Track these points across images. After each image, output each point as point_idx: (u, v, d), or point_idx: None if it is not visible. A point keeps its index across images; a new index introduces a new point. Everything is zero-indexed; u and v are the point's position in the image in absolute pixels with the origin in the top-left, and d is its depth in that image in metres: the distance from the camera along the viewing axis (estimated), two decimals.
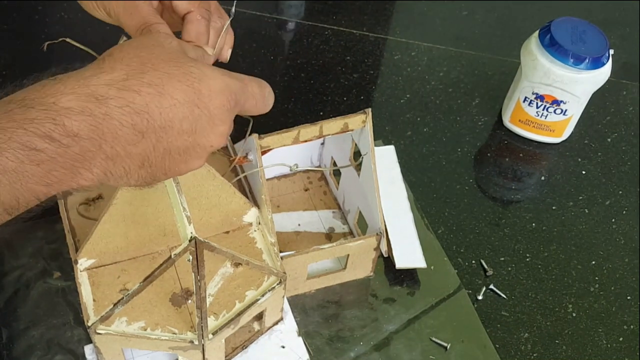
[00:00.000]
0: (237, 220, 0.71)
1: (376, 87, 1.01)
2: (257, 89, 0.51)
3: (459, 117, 0.98)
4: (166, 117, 0.44)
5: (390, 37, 1.09)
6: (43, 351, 0.69)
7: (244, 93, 0.49)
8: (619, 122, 1.00)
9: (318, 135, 0.68)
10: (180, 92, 0.45)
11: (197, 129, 0.46)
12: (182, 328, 0.63)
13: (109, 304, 0.61)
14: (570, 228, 0.86)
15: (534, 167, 0.94)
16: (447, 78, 1.03)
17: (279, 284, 0.67)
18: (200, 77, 0.46)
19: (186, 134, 0.46)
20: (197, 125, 0.46)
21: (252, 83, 0.51)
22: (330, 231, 0.80)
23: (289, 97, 0.98)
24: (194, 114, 0.45)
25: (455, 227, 0.84)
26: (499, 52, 1.08)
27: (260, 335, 0.71)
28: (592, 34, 0.88)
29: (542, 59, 0.87)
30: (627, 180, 0.93)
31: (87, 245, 0.65)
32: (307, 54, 1.04)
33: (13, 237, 0.77)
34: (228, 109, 0.47)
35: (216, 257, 0.64)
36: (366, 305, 0.75)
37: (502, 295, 0.78)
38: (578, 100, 0.89)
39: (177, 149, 0.46)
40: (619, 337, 0.76)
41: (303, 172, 0.85)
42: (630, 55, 1.11)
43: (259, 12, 1.09)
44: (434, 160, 0.92)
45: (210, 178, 0.66)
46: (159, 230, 0.67)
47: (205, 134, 0.47)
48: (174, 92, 0.45)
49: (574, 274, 0.82)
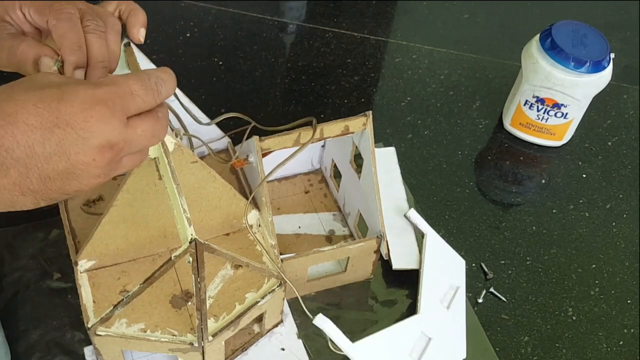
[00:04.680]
0: (237, 223, 0.71)
1: (377, 90, 1.01)
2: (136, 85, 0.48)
3: (459, 120, 0.98)
4: (24, 145, 0.43)
5: (391, 40, 1.09)
6: (43, 352, 0.69)
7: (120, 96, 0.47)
8: (620, 126, 1.00)
9: (319, 137, 0.69)
10: (35, 116, 0.44)
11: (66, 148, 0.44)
12: (182, 330, 0.63)
13: (109, 305, 0.61)
14: (571, 231, 0.86)
15: (535, 171, 0.94)
16: (447, 81, 1.03)
17: (279, 286, 0.67)
18: (60, 96, 0.44)
19: (56, 156, 0.44)
20: (64, 145, 0.44)
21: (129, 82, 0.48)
22: (331, 233, 0.80)
23: (290, 99, 0.98)
24: (56, 135, 0.44)
25: (456, 230, 0.84)
26: (500, 55, 1.08)
27: (260, 337, 0.71)
28: (593, 37, 0.88)
29: (543, 62, 0.87)
30: (627, 184, 0.93)
31: (88, 247, 0.65)
32: (308, 56, 1.04)
33: (13, 239, 0.77)
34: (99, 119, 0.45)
35: (216, 259, 0.65)
36: (366, 308, 0.75)
37: (503, 299, 0.78)
38: (579, 104, 0.89)
39: (55, 172, 0.45)
40: (619, 341, 0.76)
41: (304, 174, 0.85)
42: (631, 58, 1.11)
43: (260, 15, 1.09)
44: (435, 163, 0.92)
45: (210, 180, 0.66)
46: (159, 232, 0.67)
47: (78, 151, 0.45)
48: (27, 118, 0.43)
49: (574, 278, 0.81)
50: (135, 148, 0.49)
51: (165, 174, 0.57)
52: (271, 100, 0.97)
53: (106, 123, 0.45)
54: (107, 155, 0.46)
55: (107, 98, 0.46)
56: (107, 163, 0.46)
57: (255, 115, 0.94)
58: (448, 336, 0.72)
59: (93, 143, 0.45)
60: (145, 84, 0.48)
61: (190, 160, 0.63)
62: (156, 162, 0.60)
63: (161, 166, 0.58)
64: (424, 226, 0.79)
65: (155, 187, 0.62)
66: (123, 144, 0.47)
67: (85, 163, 0.45)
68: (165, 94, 0.50)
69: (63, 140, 0.44)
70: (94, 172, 0.46)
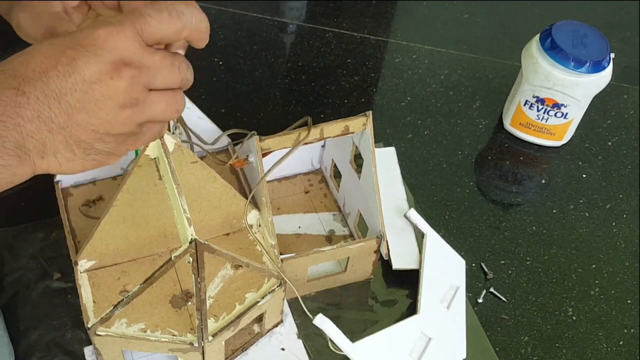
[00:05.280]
0: (237, 223, 0.71)
1: (377, 90, 1.01)
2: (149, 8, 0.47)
3: (459, 120, 0.98)
4: (39, 71, 0.44)
5: (391, 40, 1.09)
6: (43, 352, 0.69)
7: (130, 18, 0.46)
8: (620, 126, 1.00)
9: (319, 137, 0.69)
10: (48, 45, 0.45)
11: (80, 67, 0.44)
12: (182, 330, 0.63)
13: (109, 305, 0.61)
14: (571, 231, 0.86)
15: (535, 171, 0.94)
16: (448, 81, 1.03)
17: (279, 286, 0.67)
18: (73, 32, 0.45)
19: (71, 78, 0.44)
20: (77, 64, 0.44)
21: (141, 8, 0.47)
22: (331, 233, 0.80)
23: (290, 99, 0.98)
24: (68, 56, 0.44)
25: (456, 230, 0.84)
26: (500, 55, 1.08)
27: (260, 337, 0.71)
28: (593, 37, 0.88)
29: (543, 62, 0.87)
30: (627, 184, 0.93)
31: (88, 247, 0.65)
32: (308, 56, 1.04)
33: (13, 239, 0.77)
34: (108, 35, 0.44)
35: (216, 259, 0.65)
36: (366, 308, 0.76)
37: (503, 299, 0.78)
38: (579, 104, 0.89)
39: (74, 98, 0.44)
40: (619, 341, 0.76)
41: (304, 174, 0.85)
42: (631, 58, 1.11)
43: (260, 15, 1.09)
44: (435, 163, 0.92)
45: (210, 180, 0.66)
46: (159, 232, 0.67)
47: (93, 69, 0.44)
48: (41, 48, 0.44)
49: (574, 278, 0.81)
50: (156, 79, 0.47)
51: (165, 174, 0.57)
52: (271, 100, 0.97)
53: (116, 37, 0.44)
54: (124, 73, 0.45)
55: (117, 20, 0.45)
56: (128, 85, 0.45)
57: (255, 115, 0.95)
58: (448, 336, 0.72)
59: (106, 58, 0.44)
60: (158, 6, 0.47)
61: (190, 161, 0.63)
62: (156, 162, 0.60)
63: (161, 166, 0.58)
64: (424, 226, 0.79)
65: (155, 187, 0.62)
66: (139, 64, 0.45)
67: (103, 82, 0.44)
68: (188, 17, 0.48)
69: (75, 60, 0.44)
70: (116, 95, 0.45)
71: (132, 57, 0.45)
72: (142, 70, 0.46)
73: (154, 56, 0.47)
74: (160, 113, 0.48)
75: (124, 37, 0.45)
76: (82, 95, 0.44)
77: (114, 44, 0.44)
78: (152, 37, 0.46)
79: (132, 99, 0.46)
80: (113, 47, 0.44)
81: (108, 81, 0.45)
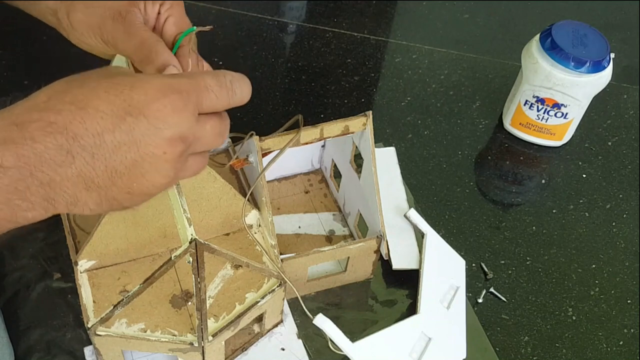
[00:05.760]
0: (237, 222, 0.71)
1: (377, 90, 1.01)
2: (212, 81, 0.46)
3: (459, 120, 0.98)
4: (93, 132, 0.41)
5: (391, 40, 1.09)
6: (43, 352, 0.69)
7: (195, 89, 0.45)
8: (620, 126, 1.00)
9: (319, 137, 0.69)
10: (107, 103, 0.42)
11: (137, 138, 0.42)
12: (182, 330, 0.63)
13: (109, 305, 0.61)
14: (571, 231, 0.86)
15: (535, 171, 0.94)
16: (448, 81, 1.03)
17: (279, 286, 0.67)
18: (133, 84, 0.43)
19: (125, 146, 0.42)
20: (135, 134, 0.42)
21: (205, 77, 0.46)
22: (331, 233, 0.80)
23: (290, 99, 0.98)
24: (128, 124, 0.42)
25: (456, 230, 0.84)
26: (500, 55, 1.08)
27: (260, 337, 0.71)
28: (593, 37, 0.88)
29: (543, 62, 0.87)
30: (627, 184, 0.93)
31: (88, 247, 0.65)
32: (308, 56, 1.04)
33: (13, 239, 0.77)
34: (173, 109, 0.43)
35: (216, 259, 0.65)
36: (366, 308, 0.75)
37: (502, 299, 0.78)
38: (579, 104, 0.89)
39: (122, 164, 0.43)
40: (619, 341, 0.76)
41: (304, 174, 0.85)
42: (631, 58, 1.11)
43: (260, 15, 1.09)
44: (435, 163, 0.92)
45: (210, 180, 0.66)
46: (159, 231, 0.67)
47: (149, 142, 0.43)
48: (99, 105, 0.42)
49: (574, 278, 0.81)
50: (201, 147, 0.47)
51: None
52: (271, 100, 0.97)
53: (180, 114, 0.43)
54: (178, 149, 0.44)
55: (182, 88, 0.44)
56: (176, 159, 0.44)
57: (255, 115, 0.95)
58: (448, 336, 0.72)
59: (166, 134, 0.43)
60: (220, 81, 0.47)
61: None
62: None
63: None
64: (424, 226, 0.79)
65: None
66: (193, 138, 0.45)
67: (156, 156, 0.43)
68: (239, 95, 0.48)
69: (134, 129, 0.42)
70: (163, 168, 0.44)
71: (188, 133, 0.44)
72: (195, 143, 0.46)
73: (206, 126, 0.46)
74: (192, 173, 0.49)
75: (187, 114, 0.44)
76: (130, 163, 0.43)
77: (177, 121, 0.43)
78: (207, 110, 0.46)
79: (177, 169, 0.45)
80: (175, 124, 0.43)
81: (162, 155, 0.44)
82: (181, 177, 0.48)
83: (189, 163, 0.47)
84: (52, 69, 0.94)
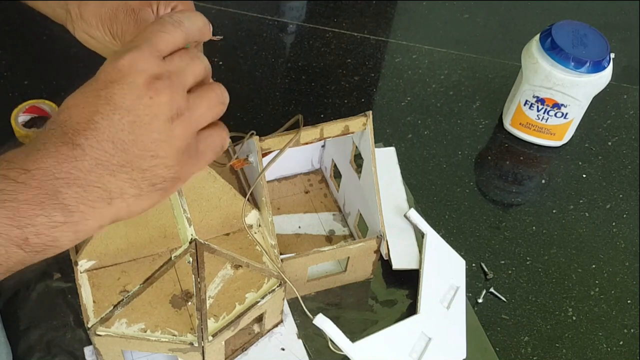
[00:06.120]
0: (237, 223, 0.71)
1: (377, 90, 1.01)
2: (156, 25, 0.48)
3: (459, 120, 0.98)
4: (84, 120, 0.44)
5: (391, 40, 1.09)
6: (43, 352, 0.69)
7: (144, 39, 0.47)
8: (620, 126, 1.00)
9: (319, 137, 0.69)
10: (80, 95, 0.45)
11: (119, 102, 0.44)
12: (182, 330, 0.63)
13: (109, 305, 0.61)
14: (571, 231, 0.86)
15: (535, 171, 0.94)
16: (448, 81, 1.03)
17: (279, 286, 0.67)
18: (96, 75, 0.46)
19: (116, 115, 0.44)
20: (116, 100, 0.45)
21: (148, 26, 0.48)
22: (331, 233, 0.80)
23: (290, 99, 0.98)
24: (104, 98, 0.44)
25: (456, 230, 0.84)
26: (500, 56, 1.08)
27: (260, 337, 0.71)
28: (593, 37, 0.88)
29: (543, 62, 0.87)
30: (627, 184, 0.93)
31: (88, 247, 0.65)
32: (308, 56, 1.04)
33: None
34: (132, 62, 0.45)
35: (216, 259, 0.65)
36: (366, 308, 0.76)
37: (503, 299, 0.78)
38: (579, 104, 0.89)
39: (124, 131, 0.44)
40: (619, 341, 0.76)
41: (304, 174, 0.85)
42: (631, 58, 1.11)
43: (260, 15, 1.09)
44: (435, 163, 0.92)
45: (210, 180, 0.66)
46: (159, 232, 0.67)
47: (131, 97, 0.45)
48: (75, 102, 0.45)
49: (574, 278, 0.81)
50: (202, 116, 0.48)
51: None
52: (271, 100, 0.97)
53: (139, 60, 0.45)
54: (160, 86, 0.45)
55: (132, 46, 0.46)
56: (170, 98, 0.45)
57: (255, 115, 0.95)
58: (448, 336, 0.72)
59: (138, 82, 0.45)
60: (164, 20, 0.48)
61: None
62: None
63: None
64: (424, 226, 0.79)
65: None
66: (167, 73, 0.46)
67: (145, 105, 0.45)
68: (190, 25, 0.49)
69: (112, 96, 0.44)
70: (162, 113, 0.45)
71: (159, 70, 0.46)
72: (172, 77, 0.46)
73: (174, 60, 0.48)
74: (207, 111, 0.49)
75: (146, 57, 0.45)
76: (131, 126, 0.44)
77: (140, 66, 0.45)
78: (166, 49, 0.47)
79: (177, 109, 0.46)
80: (140, 70, 0.45)
81: (149, 101, 0.45)
82: (196, 117, 0.48)
83: (192, 100, 0.48)
84: (52, 69, 0.94)
